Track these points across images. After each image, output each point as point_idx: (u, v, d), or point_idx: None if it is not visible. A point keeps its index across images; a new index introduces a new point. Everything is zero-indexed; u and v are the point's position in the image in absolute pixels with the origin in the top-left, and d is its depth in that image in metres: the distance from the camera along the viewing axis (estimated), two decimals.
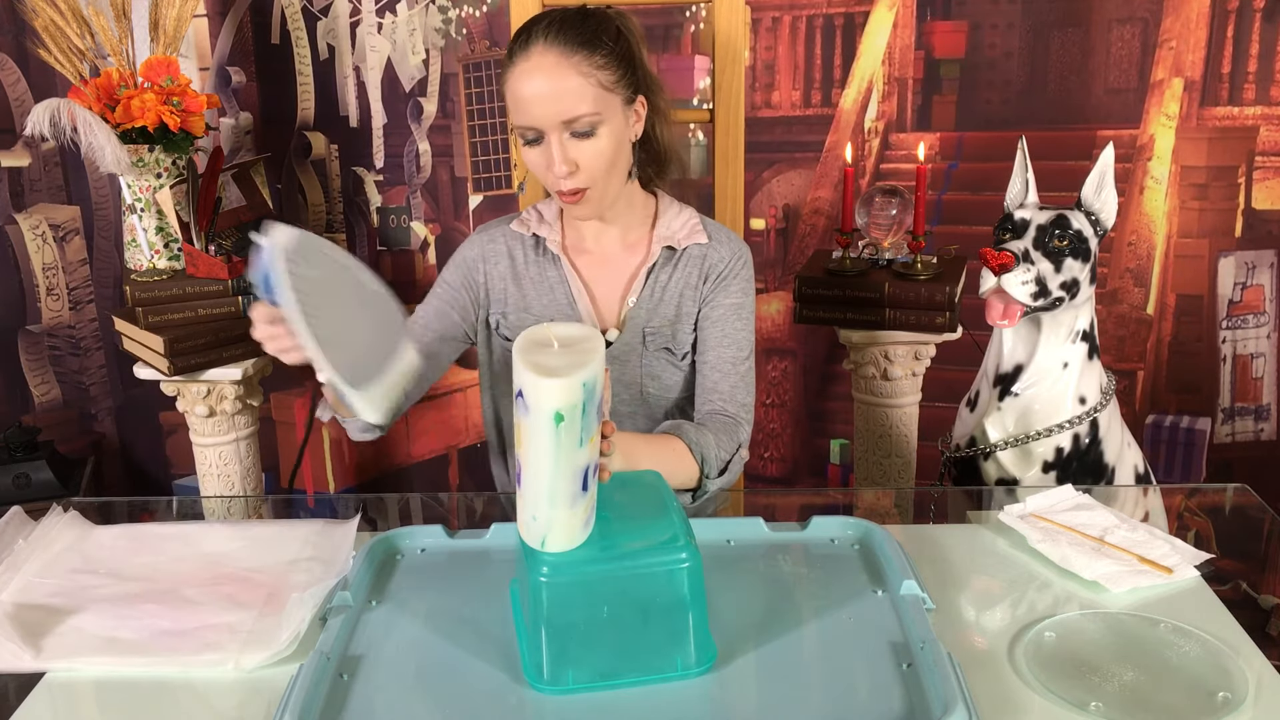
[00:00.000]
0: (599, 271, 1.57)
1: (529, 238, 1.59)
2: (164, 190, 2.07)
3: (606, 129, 1.42)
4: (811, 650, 1.11)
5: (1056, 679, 1.06)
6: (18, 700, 1.07)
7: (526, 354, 0.99)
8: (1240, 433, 2.51)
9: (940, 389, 2.26)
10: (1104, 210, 1.63)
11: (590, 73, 1.39)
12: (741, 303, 1.57)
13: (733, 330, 1.56)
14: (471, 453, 2.62)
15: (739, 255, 1.57)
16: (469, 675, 1.08)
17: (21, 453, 2.23)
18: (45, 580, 1.26)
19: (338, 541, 1.32)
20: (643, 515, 1.10)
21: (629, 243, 1.56)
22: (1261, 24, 2.26)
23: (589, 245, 1.57)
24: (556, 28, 1.40)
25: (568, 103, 1.38)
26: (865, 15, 2.31)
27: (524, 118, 1.40)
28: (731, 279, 1.56)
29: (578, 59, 1.39)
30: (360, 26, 2.35)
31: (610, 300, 1.56)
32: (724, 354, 1.55)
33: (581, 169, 1.42)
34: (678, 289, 1.54)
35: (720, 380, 1.54)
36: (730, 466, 1.49)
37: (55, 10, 2.06)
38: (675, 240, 1.54)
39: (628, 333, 1.53)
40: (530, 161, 1.44)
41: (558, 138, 1.40)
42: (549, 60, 1.38)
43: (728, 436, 1.49)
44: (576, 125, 1.40)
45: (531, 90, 1.39)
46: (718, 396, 1.54)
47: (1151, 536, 1.31)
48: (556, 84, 1.38)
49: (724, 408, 1.53)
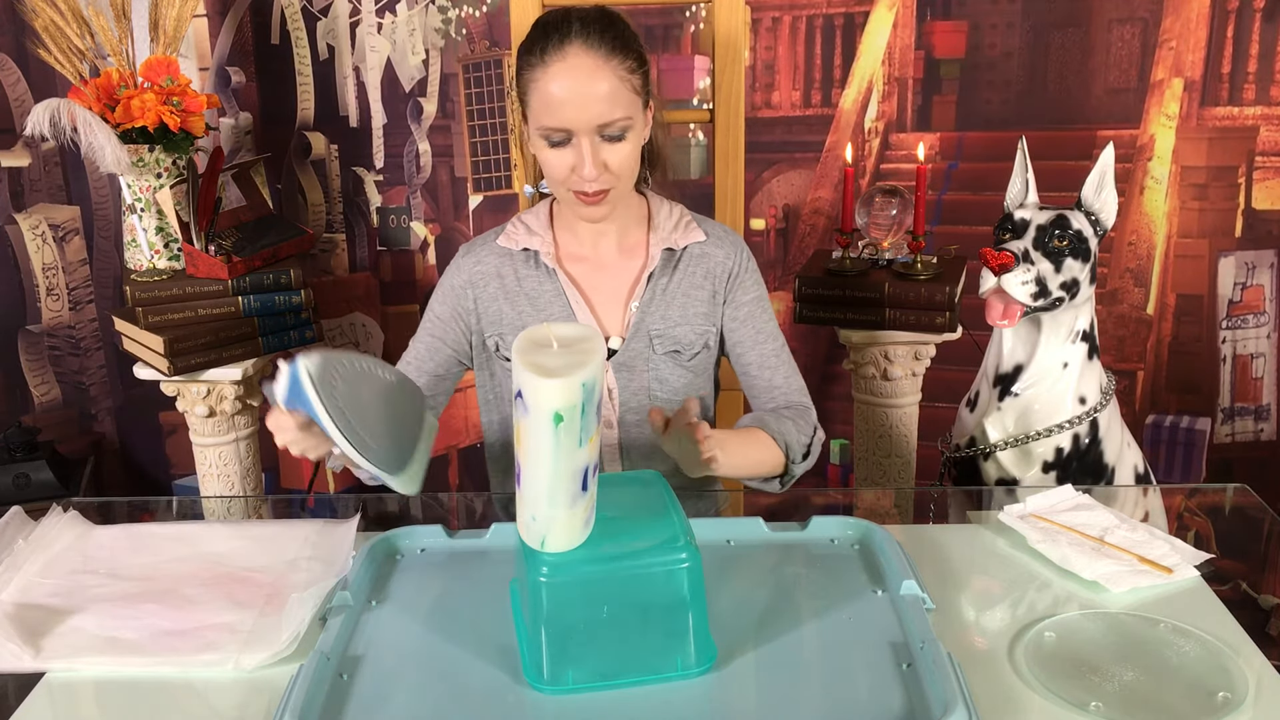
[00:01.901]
0: (597, 279, 1.55)
1: (518, 252, 1.55)
2: (164, 190, 2.07)
3: (634, 133, 1.40)
4: (811, 650, 1.11)
5: (1056, 679, 1.06)
6: (17, 700, 1.07)
7: (526, 354, 0.99)
8: (1240, 433, 2.51)
9: (940, 389, 2.26)
10: (1104, 210, 1.63)
11: (626, 77, 1.38)
12: (759, 295, 1.58)
13: (763, 324, 1.56)
14: (471, 453, 2.62)
15: (740, 250, 1.57)
16: (469, 675, 1.08)
17: (21, 453, 2.23)
18: (45, 580, 1.26)
19: (337, 541, 1.32)
20: (643, 515, 1.10)
21: (627, 246, 1.55)
22: (1261, 24, 2.26)
23: (586, 251, 1.55)
24: (595, 29, 1.37)
25: (606, 106, 1.36)
26: (865, 15, 2.31)
27: (555, 119, 1.37)
28: (743, 275, 1.56)
29: (615, 62, 1.37)
30: (360, 26, 2.35)
31: (612, 307, 1.54)
32: (765, 349, 1.56)
33: (610, 171, 1.40)
34: (680, 289, 1.54)
35: (773, 375, 1.55)
36: (812, 449, 1.52)
37: (55, 10, 2.06)
38: (673, 242, 1.54)
39: (633, 339, 1.52)
40: (550, 164, 1.41)
41: (589, 141, 1.38)
42: (588, 62, 1.36)
43: (804, 421, 1.52)
44: (610, 129, 1.38)
45: (569, 92, 1.36)
46: (778, 392, 1.55)
47: (1151, 536, 1.31)
48: (596, 87, 1.36)
49: (788, 399, 1.55)
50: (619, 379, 1.52)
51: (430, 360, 1.58)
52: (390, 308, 2.53)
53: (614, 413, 1.52)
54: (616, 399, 1.52)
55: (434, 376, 1.57)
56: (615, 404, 1.52)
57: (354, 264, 2.50)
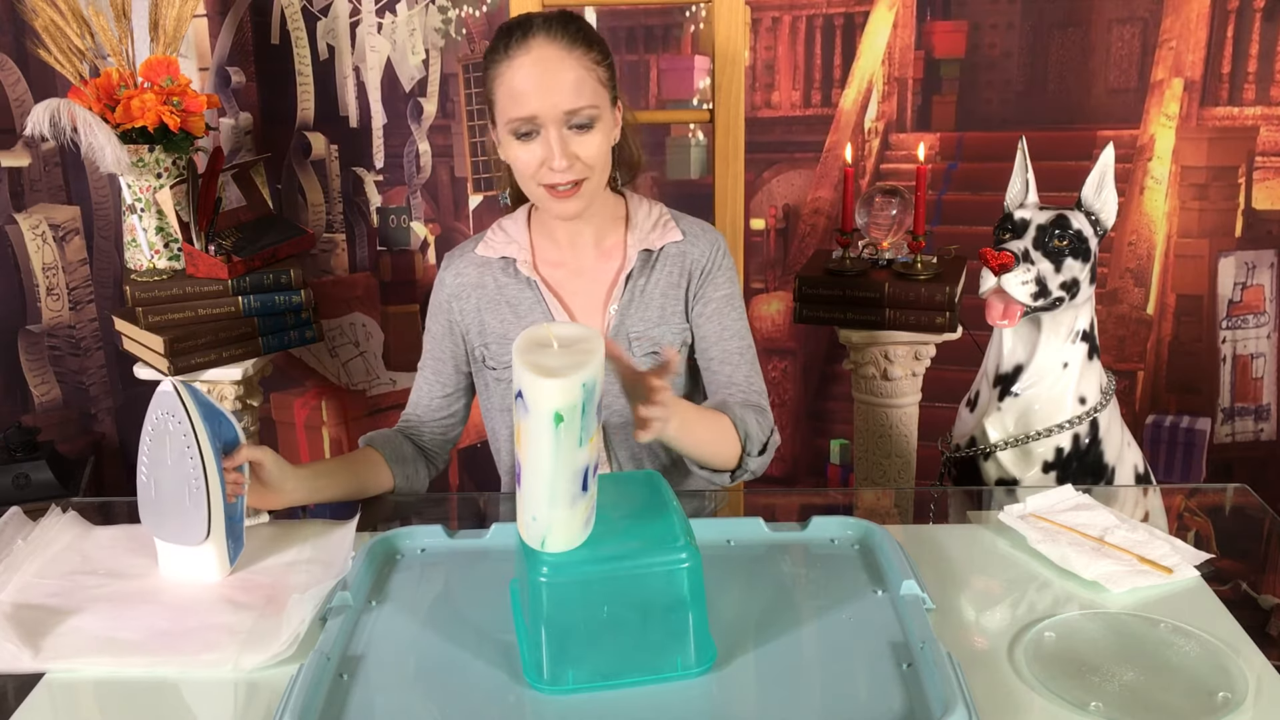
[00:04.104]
0: (575, 284, 1.55)
1: (497, 260, 1.56)
2: (164, 190, 2.06)
3: (601, 125, 1.43)
4: (811, 650, 1.11)
5: (1056, 679, 1.06)
6: (17, 701, 1.07)
7: (526, 354, 0.99)
8: (1240, 433, 2.51)
9: (940, 389, 2.26)
10: (1104, 210, 1.63)
11: (591, 68, 1.41)
12: (731, 293, 1.57)
13: (730, 322, 1.56)
14: (471, 453, 2.62)
15: (717, 247, 1.57)
16: (469, 675, 1.08)
17: (21, 453, 2.23)
18: (44, 580, 1.26)
19: (337, 542, 1.32)
20: (643, 515, 1.10)
21: (604, 248, 1.55)
22: (1261, 24, 2.26)
23: (564, 256, 1.55)
24: (557, 24, 1.41)
25: (571, 93, 1.39)
26: (865, 15, 2.31)
27: (522, 109, 1.40)
28: (716, 272, 1.56)
29: (578, 53, 1.41)
30: (360, 26, 2.35)
31: (590, 311, 1.55)
32: (728, 346, 1.55)
33: (580, 161, 1.42)
34: (658, 289, 1.54)
35: (733, 372, 1.55)
36: (768, 446, 1.50)
37: (55, 10, 2.06)
38: (650, 242, 1.54)
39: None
40: (520, 159, 1.43)
41: (557, 131, 1.40)
42: (552, 52, 1.39)
43: (764, 417, 1.51)
44: (578, 116, 1.40)
45: (534, 81, 1.39)
46: (735, 388, 1.54)
47: (1151, 536, 1.31)
48: (561, 75, 1.39)
49: (746, 396, 1.54)
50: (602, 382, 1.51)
51: (438, 384, 1.61)
52: (390, 308, 2.53)
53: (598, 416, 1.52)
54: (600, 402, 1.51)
55: (443, 398, 1.61)
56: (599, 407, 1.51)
57: (354, 264, 2.50)
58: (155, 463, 1.24)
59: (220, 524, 1.24)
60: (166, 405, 1.23)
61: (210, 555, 1.25)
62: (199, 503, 1.22)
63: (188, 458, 1.22)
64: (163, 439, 1.23)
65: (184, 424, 1.22)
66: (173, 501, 1.23)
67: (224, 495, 1.25)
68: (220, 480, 1.24)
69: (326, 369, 2.54)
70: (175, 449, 1.22)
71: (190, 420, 1.22)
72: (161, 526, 1.25)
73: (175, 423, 1.22)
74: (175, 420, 1.22)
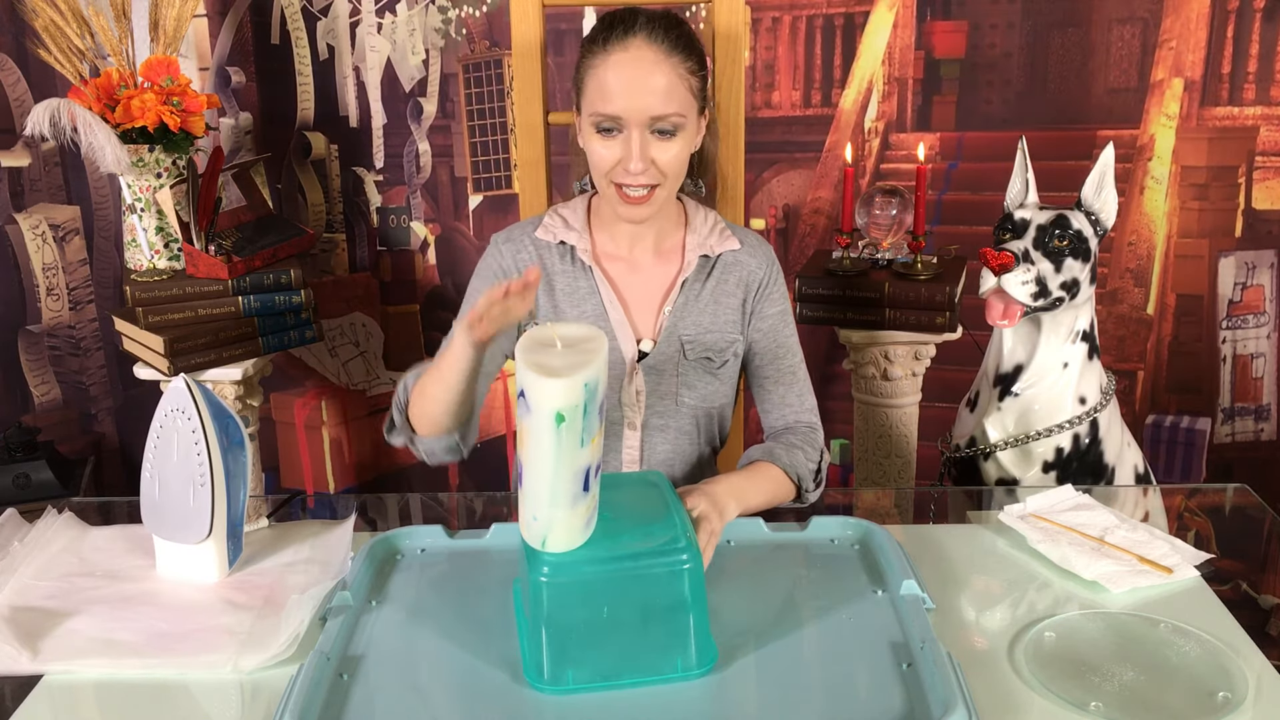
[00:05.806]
0: (632, 280, 1.53)
1: (555, 245, 1.54)
2: (164, 190, 2.06)
3: (684, 134, 1.41)
4: (812, 650, 1.11)
5: (1056, 679, 1.06)
6: (16, 702, 1.07)
7: (529, 354, 0.99)
8: (1240, 433, 2.51)
9: (940, 389, 2.26)
10: (1104, 210, 1.63)
11: (685, 76, 1.40)
12: (784, 309, 1.57)
13: (785, 339, 1.55)
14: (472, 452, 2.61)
15: (772, 260, 1.56)
16: (469, 675, 1.08)
17: (21, 453, 2.23)
18: (42, 582, 1.26)
19: (335, 542, 1.32)
20: (644, 516, 1.10)
21: (663, 250, 1.54)
22: (1261, 24, 2.26)
23: (623, 252, 1.54)
24: (660, 26, 1.40)
25: (660, 99, 1.38)
26: (865, 15, 2.31)
27: (609, 106, 1.38)
28: (771, 287, 1.55)
29: (676, 60, 1.39)
30: (360, 26, 2.35)
31: (645, 310, 1.53)
32: (783, 365, 1.55)
33: (657, 168, 1.41)
34: (712, 296, 1.53)
35: (787, 393, 1.54)
36: (820, 473, 1.49)
37: (55, 10, 2.05)
38: (709, 248, 1.53)
39: (664, 343, 1.51)
40: (598, 153, 1.41)
41: (639, 133, 1.39)
42: (650, 54, 1.38)
43: (811, 447, 1.49)
44: (663, 123, 1.39)
45: (626, 81, 1.37)
46: (790, 410, 1.53)
47: (1151, 536, 1.31)
48: (654, 79, 1.38)
49: (799, 418, 1.53)
50: (648, 382, 1.50)
51: None
52: (390, 308, 2.53)
53: (639, 414, 1.50)
54: (643, 402, 1.50)
55: (483, 374, 1.51)
56: (641, 406, 1.50)
57: (354, 264, 2.50)
58: (161, 458, 1.24)
59: (222, 524, 1.24)
60: (178, 401, 1.22)
61: (210, 555, 1.25)
62: (202, 501, 1.22)
63: (194, 455, 1.22)
64: (171, 435, 1.23)
65: (193, 420, 1.22)
66: (176, 499, 1.23)
67: (227, 495, 1.25)
68: (225, 479, 1.24)
69: (326, 369, 2.54)
70: (183, 446, 1.22)
71: (200, 418, 1.22)
72: (162, 524, 1.25)
73: (185, 419, 1.22)
74: (185, 417, 1.22)
